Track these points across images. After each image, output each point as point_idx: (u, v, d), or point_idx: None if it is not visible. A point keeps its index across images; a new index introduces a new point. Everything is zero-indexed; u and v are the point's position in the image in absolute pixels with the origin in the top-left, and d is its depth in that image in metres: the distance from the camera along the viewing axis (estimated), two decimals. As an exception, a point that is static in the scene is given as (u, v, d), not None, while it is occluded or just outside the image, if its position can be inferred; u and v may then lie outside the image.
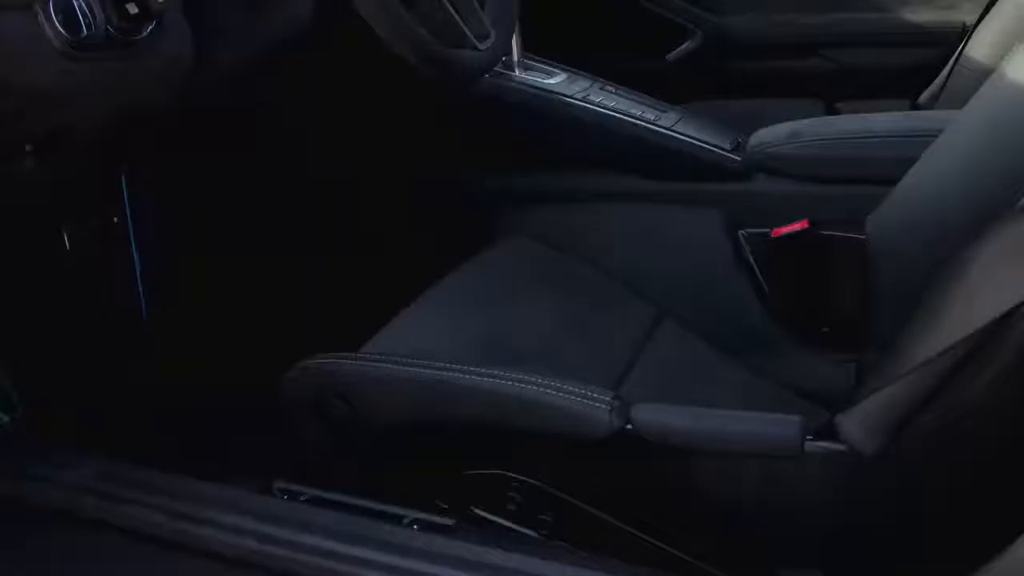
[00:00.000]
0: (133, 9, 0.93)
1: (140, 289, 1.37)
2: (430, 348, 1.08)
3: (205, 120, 1.25)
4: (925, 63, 1.87)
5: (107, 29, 0.91)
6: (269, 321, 1.34)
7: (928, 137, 1.17)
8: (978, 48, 1.66)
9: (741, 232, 1.36)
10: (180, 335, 1.35)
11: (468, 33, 1.13)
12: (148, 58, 0.97)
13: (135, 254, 1.35)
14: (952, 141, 1.11)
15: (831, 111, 1.85)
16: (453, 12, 1.12)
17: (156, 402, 1.31)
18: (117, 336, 1.32)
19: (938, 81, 1.78)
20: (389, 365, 1.02)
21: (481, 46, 1.15)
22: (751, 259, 1.36)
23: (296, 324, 1.27)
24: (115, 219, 1.32)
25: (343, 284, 1.43)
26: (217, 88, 1.11)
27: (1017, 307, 0.76)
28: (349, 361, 1.05)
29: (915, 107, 1.81)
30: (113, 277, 1.34)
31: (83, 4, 0.89)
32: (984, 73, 1.18)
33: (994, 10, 1.68)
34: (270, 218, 1.45)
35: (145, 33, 0.95)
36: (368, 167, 1.47)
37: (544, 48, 1.54)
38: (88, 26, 0.89)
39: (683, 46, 2.11)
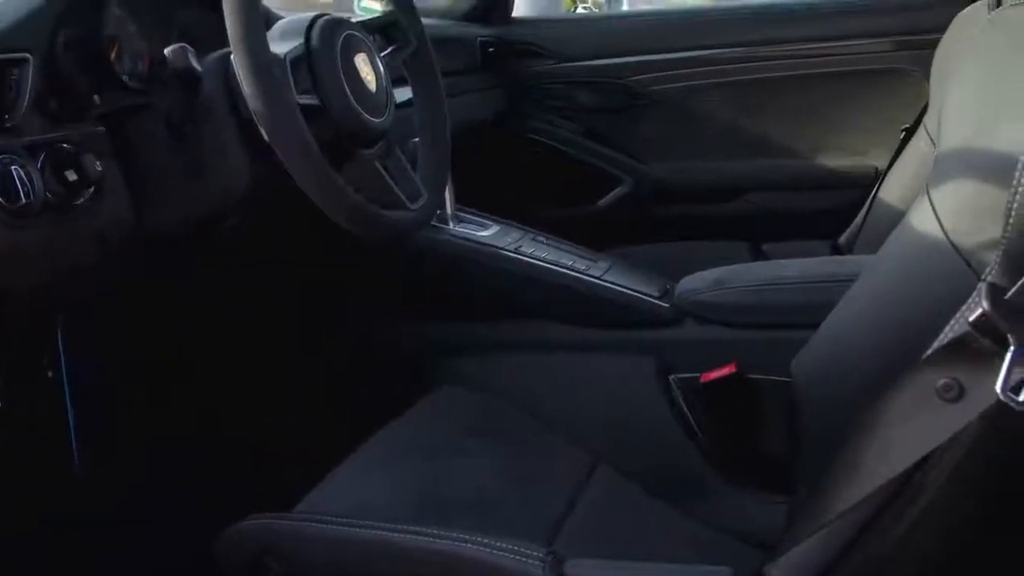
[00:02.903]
0: (72, 176, 0.94)
1: (73, 443, 1.35)
2: (365, 505, 1.08)
3: (142, 276, 1.26)
4: (844, 206, 1.94)
5: (46, 195, 0.92)
6: (202, 477, 1.33)
7: (845, 282, 1.20)
8: (889, 192, 1.71)
9: (672, 377, 1.39)
10: (112, 491, 1.33)
11: (400, 195, 1.16)
12: (87, 222, 0.98)
13: (69, 407, 1.34)
14: (865, 287, 1.14)
15: (757, 253, 1.90)
16: (385, 175, 1.15)
17: (85, 562, 1.28)
18: (47, 492, 1.30)
19: (856, 223, 1.83)
20: (323, 525, 1.01)
21: (413, 206, 1.18)
22: (682, 403, 1.38)
23: (230, 481, 1.26)
24: (50, 373, 1.31)
25: (278, 439, 1.42)
26: (154, 248, 1.13)
27: (927, 456, 0.79)
28: (283, 521, 1.04)
29: (836, 248, 1.86)
30: (46, 432, 1.32)
31: (21, 172, 0.89)
32: (896, 216, 1.20)
33: (901, 157, 1.76)
34: (205, 371, 1.45)
35: (84, 199, 0.96)
36: (303, 321, 1.49)
37: (477, 199, 1.58)
38: (27, 194, 0.89)
39: (613, 192, 2.19)
